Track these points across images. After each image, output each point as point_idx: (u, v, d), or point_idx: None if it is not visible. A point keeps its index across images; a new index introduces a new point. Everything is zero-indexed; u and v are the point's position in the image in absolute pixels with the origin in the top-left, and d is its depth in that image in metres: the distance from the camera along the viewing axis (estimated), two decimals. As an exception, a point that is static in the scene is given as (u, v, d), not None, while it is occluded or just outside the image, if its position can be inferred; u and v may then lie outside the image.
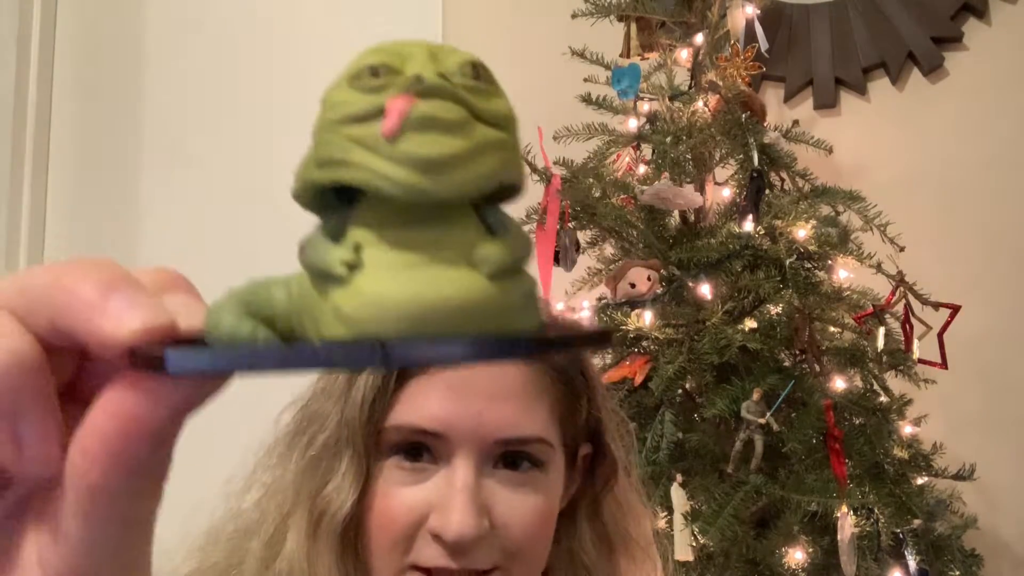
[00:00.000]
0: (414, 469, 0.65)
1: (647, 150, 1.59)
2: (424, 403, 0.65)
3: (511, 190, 0.28)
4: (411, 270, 0.25)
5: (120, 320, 0.24)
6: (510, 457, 0.66)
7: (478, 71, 0.27)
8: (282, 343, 0.26)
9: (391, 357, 0.24)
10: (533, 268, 1.40)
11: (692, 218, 1.56)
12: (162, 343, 0.25)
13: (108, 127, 2.30)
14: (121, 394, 0.25)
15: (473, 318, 0.25)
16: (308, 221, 0.28)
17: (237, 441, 0.73)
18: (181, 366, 0.24)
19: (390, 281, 0.25)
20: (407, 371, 0.67)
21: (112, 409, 0.25)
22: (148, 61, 2.30)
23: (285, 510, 0.67)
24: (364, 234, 0.26)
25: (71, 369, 0.28)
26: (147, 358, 0.24)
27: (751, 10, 1.61)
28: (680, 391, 1.43)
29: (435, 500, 0.64)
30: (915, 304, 1.44)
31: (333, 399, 0.68)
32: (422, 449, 0.66)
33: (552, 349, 0.26)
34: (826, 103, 1.96)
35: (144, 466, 0.25)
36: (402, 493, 0.65)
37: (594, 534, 0.72)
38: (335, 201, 0.27)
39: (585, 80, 1.63)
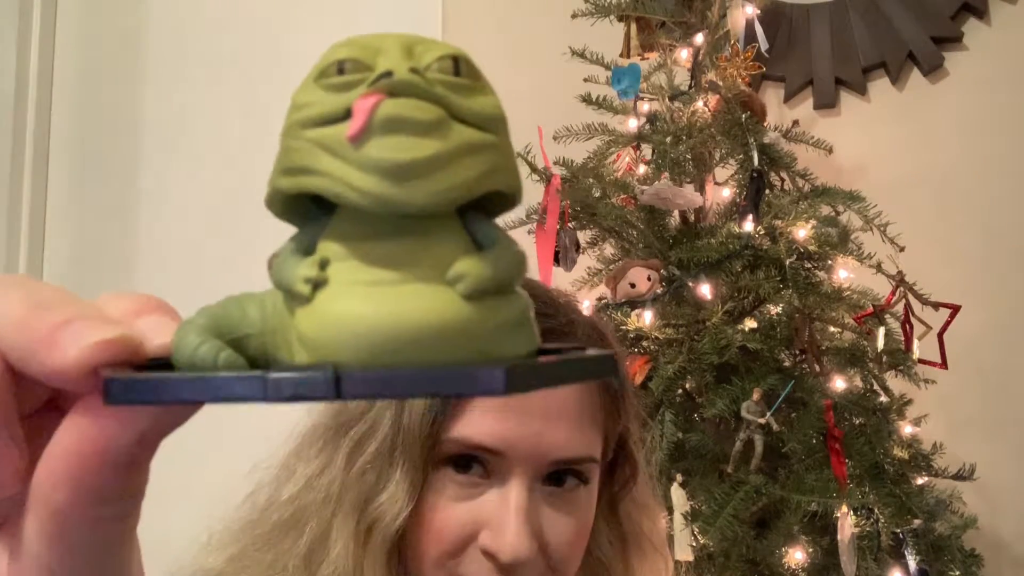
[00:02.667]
0: (466, 483, 0.65)
1: (647, 150, 1.59)
2: (483, 418, 0.64)
3: (504, 200, 0.25)
4: (378, 288, 0.22)
5: (67, 348, 0.22)
6: (557, 474, 0.66)
7: (459, 66, 0.23)
8: (245, 367, 0.23)
9: (344, 389, 0.21)
10: (533, 268, 1.40)
11: (692, 218, 1.56)
12: (128, 366, 0.23)
13: (108, 126, 2.30)
14: (83, 418, 0.23)
15: (445, 344, 0.22)
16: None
17: (248, 432, 0.72)
18: (123, 396, 0.22)
19: (352, 300, 0.22)
20: None
21: (75, 432, 0.23)
22: (148, 61, 2.30)
23: (330, 512, 0.65)
24: (335, 248, 0.23)
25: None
26: (103, 383, 0.22)
27: (751, 10, 1.61)
28: (680, 391, 1.43)
29: (487, 518, 0.64)
30: (915, 304, 1.44)
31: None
32: (473, 461, 0.65)
33: (534, 383, 0.22)
34: (826, 103, 1.96)
35: (110, 491, 0.24)
36: (454, 507, 0.64)
37: (610, 532, 0.73)
38: (315, 210, 0.25)
39: (585, 80, 1.63)
